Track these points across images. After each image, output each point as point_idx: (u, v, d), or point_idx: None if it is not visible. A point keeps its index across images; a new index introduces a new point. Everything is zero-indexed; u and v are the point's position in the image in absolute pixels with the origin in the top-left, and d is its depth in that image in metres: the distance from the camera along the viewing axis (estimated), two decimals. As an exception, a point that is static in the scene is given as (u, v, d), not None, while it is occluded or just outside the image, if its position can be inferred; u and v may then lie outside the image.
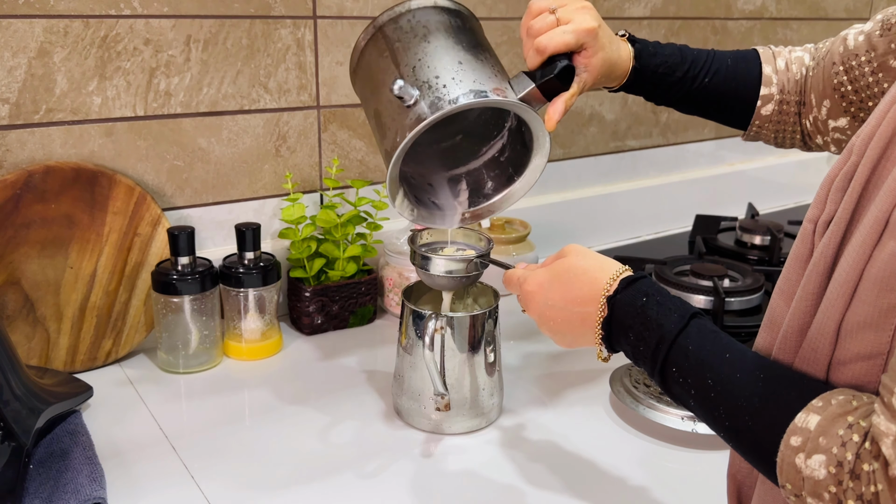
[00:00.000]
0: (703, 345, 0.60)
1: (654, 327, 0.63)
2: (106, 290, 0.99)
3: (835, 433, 0.48)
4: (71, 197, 0.95)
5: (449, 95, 0.70)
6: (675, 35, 1.53)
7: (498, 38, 1.29)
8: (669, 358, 0.61)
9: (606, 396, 0.97)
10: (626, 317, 0.65)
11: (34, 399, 0.79)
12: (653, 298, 0.65)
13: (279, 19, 1.08)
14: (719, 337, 0.60)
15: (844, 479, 0.47)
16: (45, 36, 0.94)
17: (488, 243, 0.89)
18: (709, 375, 0.58)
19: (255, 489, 0.78)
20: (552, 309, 0.72)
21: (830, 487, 0.47)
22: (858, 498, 0.46)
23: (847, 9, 1.83)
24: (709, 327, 0.62)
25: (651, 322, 0.63)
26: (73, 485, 0.74)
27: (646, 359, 0.63)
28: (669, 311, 0.63)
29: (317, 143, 1.16)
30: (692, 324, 0.61)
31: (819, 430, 0.49)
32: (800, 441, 0.50)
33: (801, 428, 0.50)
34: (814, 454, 0.49)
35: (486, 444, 0.87)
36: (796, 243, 0.57)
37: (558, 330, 0.72)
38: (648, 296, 0.65)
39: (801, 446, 0.49)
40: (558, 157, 1.44)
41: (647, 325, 0.63)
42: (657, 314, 0.63)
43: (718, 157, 1.71)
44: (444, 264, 0.85)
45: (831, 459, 0.48)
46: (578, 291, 0.69)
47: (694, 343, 0.60)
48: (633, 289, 0.66)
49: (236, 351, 1.04)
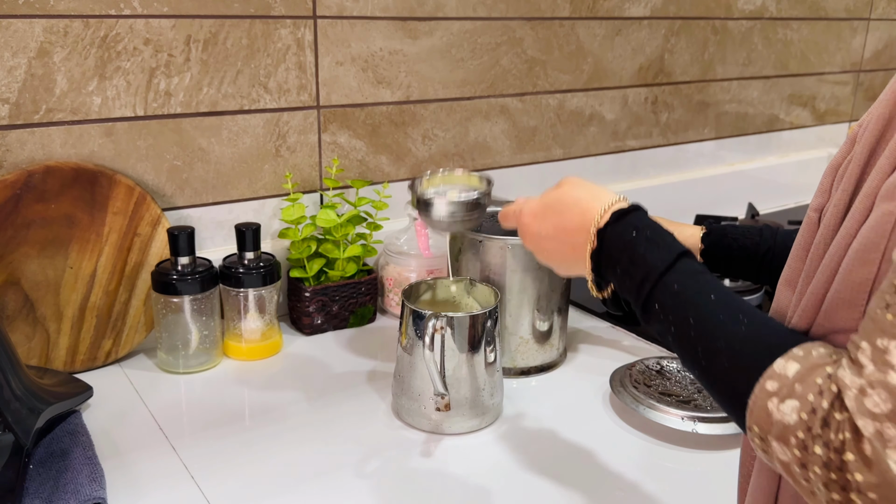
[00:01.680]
0: (689, 284, 0.60)
1: (641, 263, 0.62)
2: (106, 290, 0.99)
3: (812, 381, 0.48)
4: (71, 197, 0.95)
5: None
6: (676, 35, 1.53)
7: (498, 37, 1.30)
8: (653, 294, 0.61)
9: (606, 396, 0.97)
10: (614, 250, 0.65)
11: (34, 399, 0.79)
12: (642, 233, 0.64)
13: (279, 19, 1.08)
14: (706, 277, 0.60)
15: (815, 425, 0.46)
16: (45, 36, 0.94)
17: (488, 183, 0.87)
18: (691, 315, 0.58)
19: (254, 489, 0.78)
20: (545, 239, 0.73)
21: (799, 433, 0.47)
22: (825, 445, 0.45)
23: (847, 9, 1.83)
24: (696, 267, 0.62)
25: (638, 258, 0.63)
26: (73, 485, 0.74)
27: (630, 292, 0.63)
28: (657, 248, 0.63)
29: (317, 143, 1.16)
30: (679, 262, 0.61)
31: (797, 377, 0.49)
32: (776, 386, 0.49)
33: (780, 374, 0.50)
34: (788, 399, 0.48)
35: (486, 444, 0.87)
36: (800, 232, 0.57)
37: (553, 259, 0.74)
38: (638, 230, 0.65)
39: (776, 391, 0.49)
40: (558, 157, 1.44)
41: (633, 260, 0.63)
42: (645, 250, 0.63)
43: (718, 157, 1.71)
44: (446, 206, 0.84)
45: (805, 406, 0.47)
46: (569, 221, 0.70)
47: (679, 282, 0.60)
48: (623, 222, 0.66)
49: (236, 351, 1.04)
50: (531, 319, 1.01)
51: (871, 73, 1.97)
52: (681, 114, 1.60)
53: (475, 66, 1.29)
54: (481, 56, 1.29)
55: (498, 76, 1.32)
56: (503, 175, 1.38)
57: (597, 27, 1.41)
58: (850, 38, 1.88)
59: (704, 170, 1.69)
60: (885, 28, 1.95)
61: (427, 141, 1.27)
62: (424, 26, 1.21)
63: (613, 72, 1.46)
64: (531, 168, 1.41)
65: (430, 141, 1.27)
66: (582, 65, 1.42)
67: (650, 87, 1.53)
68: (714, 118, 1.67)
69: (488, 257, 0.99)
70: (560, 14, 1.36)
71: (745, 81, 1.69)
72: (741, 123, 1.73)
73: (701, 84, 1.62)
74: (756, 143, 1.78)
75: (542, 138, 1.41)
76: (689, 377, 0.96)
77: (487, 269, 0.99)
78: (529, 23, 1.33)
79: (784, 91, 1.79)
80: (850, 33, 1.87)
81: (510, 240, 0.98)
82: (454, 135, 1.30)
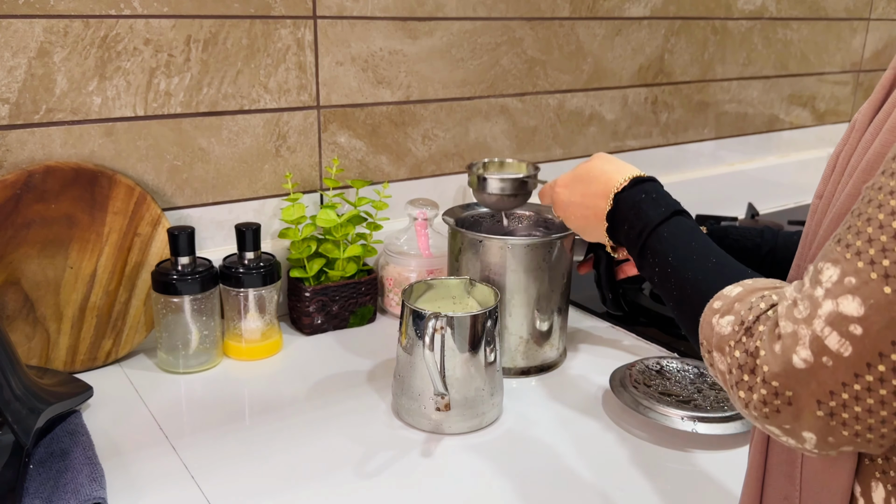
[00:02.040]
0: (677, 233, 0.71)
1: (643, 217, 0.74)
2: (106, 290, 0.99)
3: (748, 300, 0.54)
4: (71, 197, 0.95)
5: None
6: (676, 35, 1.53)
7: (498, 38, 1.30)
8: (647, 242, 0.72)
9: (606, 396, 0.97)
10: (624, 209, 0.77)
11: (34, 399, 0.79)
12: (650, 195, 0.76)
13: (279, 19, 1.08)
14: (694, 231, 0.71)
15: (740, 334, 0.52)
16: (45, 36, 0.94)
17: (535, 168, 1.05)
18: (671, 256, 0.69)
19: (254, 489, 0.78)
20: (572, 205, 0.84)
21: (731, 342, 0.53)
22: (744, 351, 0.51)
23: (847, 9, 1.83)
24: (688, 223, 0.73)
25: (641, 213, 0.75)
26: (73, 485, 0.74)
27: (632, 244, 0.75)
28: (658, 206, 0.74)
29: (317, 143, 1.16)
30: (674, 218, 0.73)
31: (737, 297, 0.56)
32: (720, 304, 0.56)
33: (725, 295, 0.57)
34: (726, 315, 0.55)
35: (486, 444, 0.87)
36: (807, 221, 0.59)
37: (578, 224, 0.85)
38: (647, 193, 0.77)
39: (719, 309, 0.56)
40: (558, 157, 1.44)
41: (638, 215, 0.75)
42: (648, 207, 0.75)
43: (718, 157, 1.71)
44: (499, 182, 1.02)
45: (737, 319, 0.53)
46: (595, 188, 0.81)
47: (669, 231, 0.72)
48: (637, 188, 0.78)
49: (236, 351, 1.04)
50: (531, 319, 1.01)
51: (870, 73, 1.97)
52: (681, 114, 1.60)
53: (475, 66, 1.29)
54: (481, 56, 1.29)
55: (498, 76, 1.32)
56: (503, 175, 1.38)
57: (597, 27, 1.41)
58: (850, 38, 1.88)
59: (704, 170, 1.69)
60: (885, 28, 1.95)
61: (427, 141, 1.27)
62: (424, 26, 1.21)
63: (613, 72, 1.47)
64: (531, 168, 1.41)
65: (430, 141, 1.28)
66: (582, 65, 1.42)
67: (650, 87, 1.53)
68: (714, 118, 1.67)
69: (488, 257, 0.99)
70: (560, 14, 1.36)
71: (744, 81, 1.69)
72: (741, 123, 1.73)
73: (701, 84, 1.62)
74: (756, 143, 1.78)
75: (542, 138, 1.41)
76: (689, 377, 0.96)
77: (487, 269, 0.99)
78: (529, 23, 1.33)
79: (784, 91, 1.79)
80: (850, 33, 1.87)
81: (510, 240, 0.98)
82: (454, 135, 1.30)
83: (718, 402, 0.90)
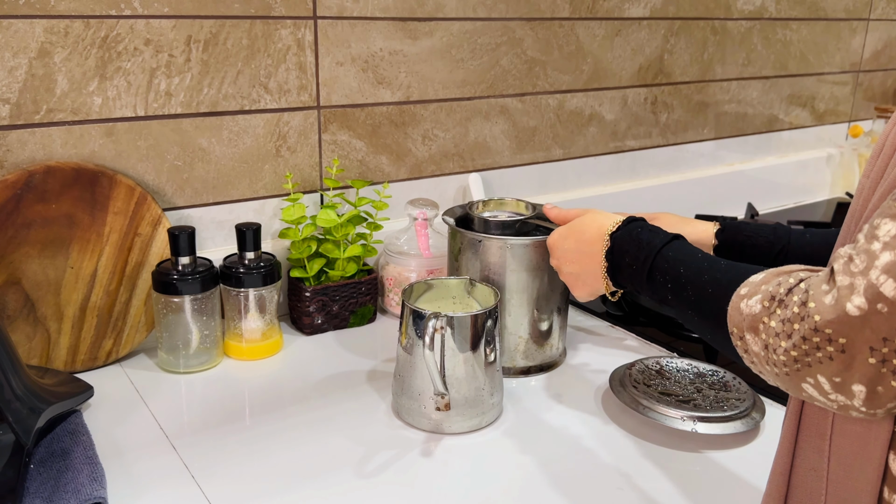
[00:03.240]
0: (682, 251, 0.74)
1: (644, 246, 0.77)
2: (106, 289, 0.99)
3: (775, 280, 0.56)
4: (71, 197, 0.95)
5: None
6: (675, 35, 1.53)
7: (498, 38, 1.30)
8: (655, 264, 0.75)
9: (606, 396, 0.97)
10: (623, 243, 0.80)
11: (35, 399, 0.80)
12: (646, 228, 0.79)
13: (279, 19, 1.09)
14: (697, 250, 0.73)
15: (773, 306, 0.54)
16: (45, 36, 0.94)
17: (533, 209, 1.06)
18: (682, 268, 0.71)
19: (255, 489, 0.78)
20: (568, 252, 0.87)
21: (764, 318, 0.54)
22: (784, 317, 0.52)
23: (847, 9, 1.84)
24: (688, 245, 0.75)
25: (642, 242, 0.77)
26: (74, 484, 0.74)
27: (638, 273, 0.76)
28: (657, 234, 0.77)
29: (317, 143, 1.17)
30: (675, 241, 0.76)
31: (763, 280, 0.58)
32: (747, 289, 0.58)
33: (751, 281, 0.59)
34: (754, 296, 0.56)
35: (486, 443, 0.87)
36: (853, 200, 0.59)
37: (573, 270, 0.87)
38: (643, 227, 0.80)
39: (746, 294, 0.57)
40: (558, 157, 1.44)
41: (639, 246, 0.77)
42: (648, 237, 0.77)
43: (718, 157, 1.72)
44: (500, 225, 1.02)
45: (766, 296, 0.55)
46: (588, 235, 0.84)
47: (674, 251, 0.74)
48: (631, 225, 0.81)
49: (236, 351, 1.05)
50: (531, 319, 1.01)
51: (870, 73, 1.98)
52: (680, 114, 1.61)
53: (475, 67, 1.29)
54: (481, 56, 1.29)
55: (498, 76, 1.32)
56: (503, 175, 1.38)
57: (596, 27, 1.41)
58: (850, 38, 1.88)
59: (704, 170, 1.69)
60: (885, 28, 1.95)
61: (427, 141, 1.27)
62: (424, 27, 1.22)
63: (613, 72, 1.47)
64: (531, 168, 1.41)
65: (430, 141, 1.28)
66: (581, 65, 1.42)
67: (650, 87, 1.53)
68: (713, 118, 1.67)
69: (488, 257, 0.99)
70: (560, 14, 1.36)
71: (744, 82, 1.70)
72: (740, 124, 1.73)
73: (700, 84, 1.62)
74: (755, 143, 1.78)
75: (542, 138, 1.41)
76: (689, 377, 0.96)
77: (487, 269, 0.99)
78: (529, 23, 1.33)
79: (783, 91, 1.79)
80: (850, 33, 1.87)
81: (510, 240, 0.98)
82: (454, 135, 1.30)
83: (718, 401, 0.90)
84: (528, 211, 1.06)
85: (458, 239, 1.02)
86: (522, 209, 1.07)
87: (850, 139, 1.96)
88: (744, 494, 0.79)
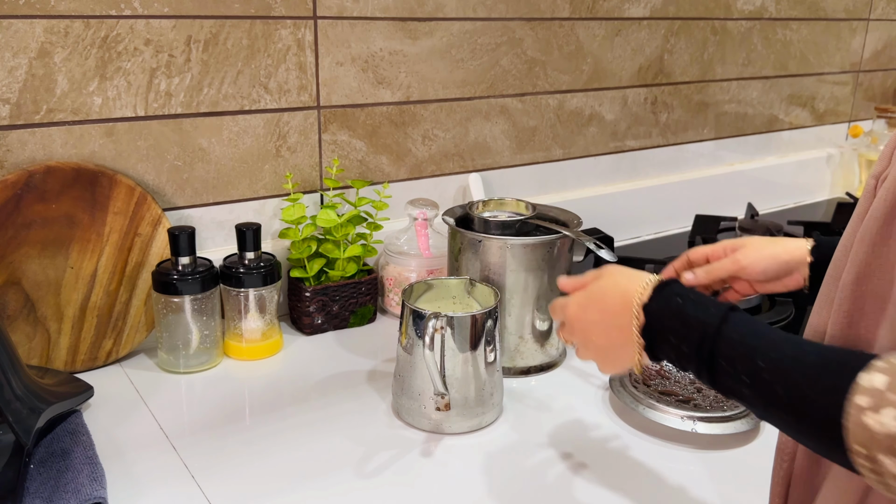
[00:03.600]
0: (747, 331, 0.59)
1: (695, 324, 0.62)
2: (106, 290, 0.99)
3: None
4: (71, 197, 0.95)
5: None
6: (675, 35, 1.53)
7: (498, 38, 1.30)
8: (716, 350, 0.60)
9: (606, 396, 0.97)
10: (664, 319, 0.65)
11: (35, 399, 0.80)
12: (687, 298, 0.64)
13: (279, 20, 1.09)
14: (761, 324, 0.60)
15: None
16: (45, 36, 0.94)
17: (533, 209, 1.06)
18: (759, 359, 0.57)
19: (255, 489, 0.78)
20: (591, 324, 0.73)
21: None
22: None
23: (847, 9, 1.84)
24: (747, 317, 0.61)
25: (690, 320, 0.62)
26: (74, 484, 0.74)
27: (691, 358, 0.62)
28: (707, 307, 0.62)
29: (317, 143, 1.17)
30: (731, 315, 0.61)
31: (888, 386, 0.48)
32: (868, 401, 0.48)
33: (868, 388, 0.48)
34: (883, 409, 0.47)
35: (486, 443, 0.87)
36: (859, 201, 0.57)
37: (600, 344, 0.72)
38: (682, 296, 0.65)
39: (870, 406, 0.48)
40: (558, 157, 1.45)
41: (687, 324, 0.63)
42: (695, 311, 0.62)
43: (718, 157, 1.72)
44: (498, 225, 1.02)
45: None
46: (612, 304, 0.70)
47: (737, 332, 0.59)
48: (665, 292, 0.66)
49: (236, 351, 1.05)
50: (531, 319, 1.01)
51: (870, 73, 1.98)
52: (680, 114, 1.61)
53: (475, 67, 1.29)
54: (481, 56, 1.29)
55: (498, 76, 1.32)
56: (503, 175, 1.38)
57: (596, 27, 1.41)
58: (850, 38, 1.88)
59: (704, 170, 1.69)
60: (885, 28, 1.95)
61: (427, 141, 1.27)
62: (424, 27, 1.22)
63: (613, 72, 1.47)
64: (531, 168, 1.41)
65: (430, 141, 1.28)
66: (581, 65, 1.42)
67: (650, 87, 1.53)
68: (713, 118, 1.67)
69: (488, 257, 0.99)
70: (560, 14, 1.36)
71: (744, 82, 1.70)
72: (740, 124, 1.73)
73: (700, 84, 1.62)
74: (755, 143, 1.78)
75: (542, 138, 1.41)
76: (689, 377, 0.96)
77: (487, 269, 0.99)
78: (529, 23, 1.33)
79: (783, 91, 1.79)
80: (850, 34, 1.87)
81: (510, 240, 0.98)
82: (454, 135, 1.30)
83: (718, 401, 0.90)
84: (528, 211, 1.07)
85: (458, 239, 1.02)
86: (522, 209, 1.08)
87: (850, 139, 1.96)
88: (744, 494, 0.79)
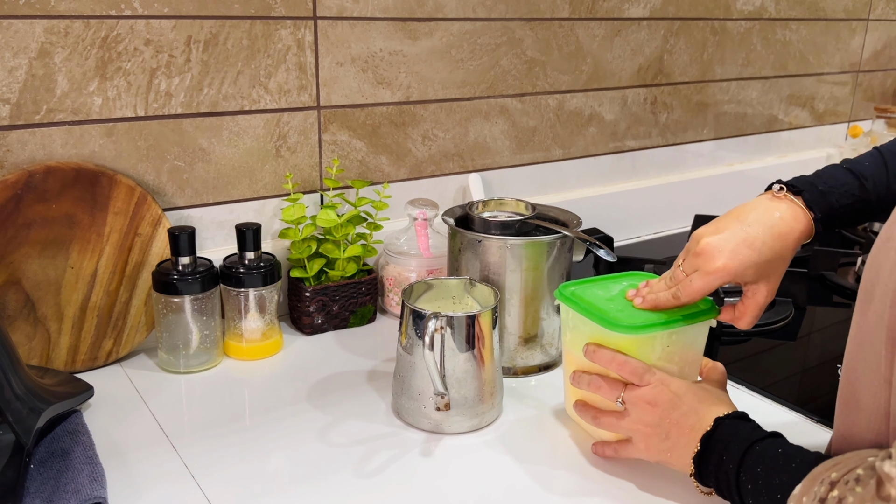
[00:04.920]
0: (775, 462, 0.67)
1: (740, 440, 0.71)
2: (107, 289, 0.99)
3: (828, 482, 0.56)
4: (72, 197, 0.95)
5: None
6: (675, 36, 1.53)
7: (498, 38, 1.30)
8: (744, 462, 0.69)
9: (606, 396, 0.97)
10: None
11: (35, 399, 0.80)
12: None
13: (279, 20, 1.09)
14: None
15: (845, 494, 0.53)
16: (45, 36, 0.94)
17: (533, 209, 1.06)
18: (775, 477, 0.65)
19: (255, 489, 0.78)
20: (678, 413, 0.77)
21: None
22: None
23: (846, 9, 1.84)
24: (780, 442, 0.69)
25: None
26: (74, 484, 0.74)
27: None
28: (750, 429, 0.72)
29: (317, 143, 1.17)
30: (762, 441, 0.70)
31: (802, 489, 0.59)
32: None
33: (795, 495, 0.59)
34: None
35: (487, 443, 0.87)
36: None
37: (666, 434, 0.77)
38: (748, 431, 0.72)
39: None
40: (558, 157, 1.45)
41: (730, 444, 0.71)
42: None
43: (718, 157, 1.72)
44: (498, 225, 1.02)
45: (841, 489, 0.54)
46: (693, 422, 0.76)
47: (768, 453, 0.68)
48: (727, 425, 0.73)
49: (236, 351, 1.05)
50: (531, 319, 1.01)
51: (869, 73, 1.98)
52: (680, 114, 1.61)
53: (475, 67, 1.29)
54: (481, 57, 1.29)
55: (497, 77, 1.32)
56: (503, 175, 1.38)
57: (596, 28, 1.42)
58: (849, 38, 1.88)
59: (703, 170, 1.69)
60: (884, 28, 1.95)
61: (427, 141, 1.27)
62: (424, 27, 1.22)
63: (613, 72, 1.47)
64: (531, 168, 1.41)
65: (430, 141, 1.28)
66: (581, 65, 1.42)
67: (649, 87, 1.53)
68: (713, 119, 1.67)
69: (488, 257, 0.99)
70: (559, 15, 1.36)
71: (744, 82, 1.70)
72: (740, 124, 1.73)
73: (700, 84, 1.62)
74: (755, 143, 1.78)
75: (542, 139, 1.41)
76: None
77: (487, 269, 0.99)
78: (529, 23, 1.33)
79: (783, 91, 1.79)
80: (849, 34, 1.87)
81: (510, 239, 0.98)
82: (454, 135, 1.30)
83: (718, 401, 0.90)
84: (528, 211, 1.07)
85: (458, 239, 1.02)
86: (522, 209, 1.08)
87: (849, 139, 1.97)
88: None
